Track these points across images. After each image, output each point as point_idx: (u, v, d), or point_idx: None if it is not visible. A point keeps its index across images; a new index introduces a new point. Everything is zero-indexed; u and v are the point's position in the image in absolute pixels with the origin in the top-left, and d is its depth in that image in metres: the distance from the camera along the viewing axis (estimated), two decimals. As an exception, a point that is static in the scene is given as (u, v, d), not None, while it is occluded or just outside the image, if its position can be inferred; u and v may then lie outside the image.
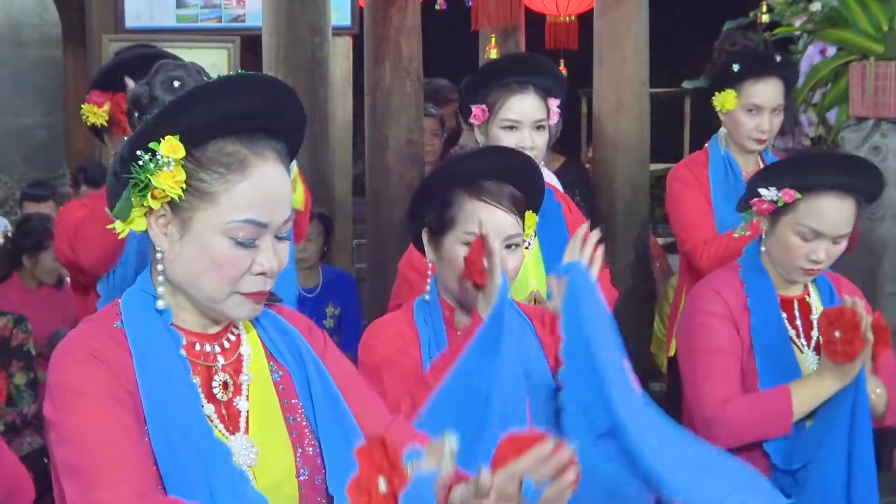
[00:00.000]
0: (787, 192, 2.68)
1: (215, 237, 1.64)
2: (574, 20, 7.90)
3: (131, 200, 1.64)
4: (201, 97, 1.62)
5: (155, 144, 1.60)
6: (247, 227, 1.64)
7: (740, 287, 2.78)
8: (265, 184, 1.65)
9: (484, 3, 6.31)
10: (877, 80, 4.04)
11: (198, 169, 1.63)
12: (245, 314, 1.70)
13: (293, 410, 1.76)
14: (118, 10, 6.85)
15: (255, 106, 1.64)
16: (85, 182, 5.76)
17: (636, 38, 5.33)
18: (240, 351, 1.76)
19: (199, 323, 1.73)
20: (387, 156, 6.06)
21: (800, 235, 2.69)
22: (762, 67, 3.70)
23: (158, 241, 1.67)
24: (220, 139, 1.64)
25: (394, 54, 6.05)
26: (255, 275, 1.66)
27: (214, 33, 6.88)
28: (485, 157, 2.41)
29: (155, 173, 1.61)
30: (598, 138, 5.49)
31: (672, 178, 3.86)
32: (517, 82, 3.17)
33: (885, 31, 4.10)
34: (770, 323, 2.74)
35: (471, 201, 2.33)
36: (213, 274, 1.65)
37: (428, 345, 2.38)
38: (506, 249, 2.33)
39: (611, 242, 5.33)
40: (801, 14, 4.39)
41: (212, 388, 1.71)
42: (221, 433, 1.69)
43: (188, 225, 1.65)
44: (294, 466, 1.73)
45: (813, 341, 2.77)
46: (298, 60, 4.90)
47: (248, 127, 1.65)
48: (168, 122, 1.61)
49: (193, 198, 1.63)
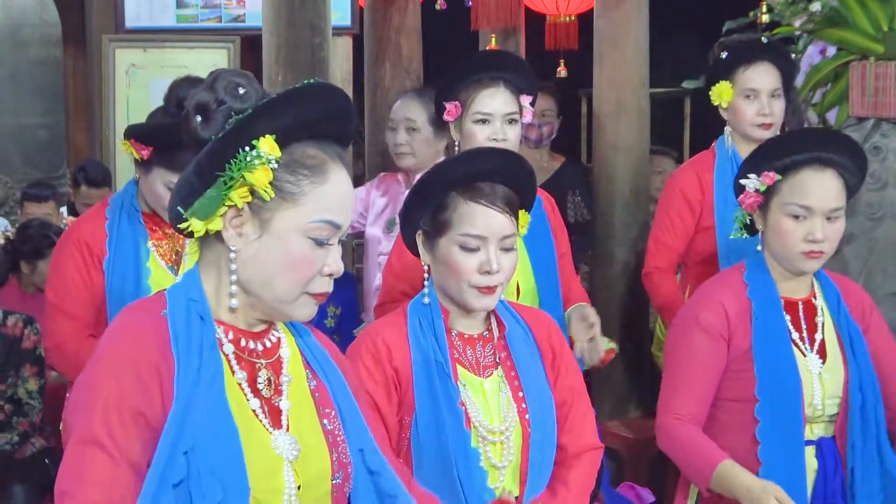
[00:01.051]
0: (767, 174, 2.69)
1: (296, 237, 1.70)
2: (574, 20, 7.89)
3: (221, 198, 1.68)
4: (292, 101, 1.69)
5: (256, 142, 1.66)
6: (326, 228, 1.71)
7: (743, 289, 2.77)
8: (342, 187, 1.74)
9: (484, 3, 6.31)
10: (877, 80, 4.04)
11: (284, 171, 1.69)
12: (308, 314, 1.76)
13: (328, 417, 1.81)
14: (118, 10, 6.84)
15: (332, 112, 1.73)
16: (85, 182, 5.76)
17: (636, 38, 5.32)
18: (279, 353, 1.80)
19: (246, 321, 1.76)
20: (387, 156, 6.06)
21: (791, 216, 2.68)
22: (750, 52, 3.76)
23: (233, 242, 1.71)
24: (302, 143, 1.71)
25: (394, 54, 6.05)
26: (324, 276, 1.73)
27: (214, 33, 6.87)
28: (478, 158, 2.42)
29: (251, 170, 1.66)
30: (598, 138, 5.49)
31: (671, 183, 3.88)
32: (488, 77, 3.23)
33: (885, 31, 4.10)
34: (772, 327, 2.74)
35: (466, 203, 2.34)
36: (289, 274, 1.70)
37: (420, 347, 2.38)
38: (501, 251, 2.34)
39: (610, 243, 5.35)
40: (801, 14, 4.38)
41: (257, 383, 1.74)
42: (265, 428, 1.73)
43: (268, 225, 1.70)
44: (330, 469, 1.77)
45: (817, 344, 2.77)
46: (298, 60, 4.89)
47: (324, 132, 1.73)
48: (262, 122, 1.68)
49: (277, 198, 1.69)
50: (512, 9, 6.31)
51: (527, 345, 2.46)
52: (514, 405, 2.38)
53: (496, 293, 2.36)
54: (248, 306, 1.75)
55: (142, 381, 1.64)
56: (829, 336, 2.80)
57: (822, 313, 2.80)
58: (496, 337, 2.44)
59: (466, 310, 2.39)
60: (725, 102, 3.75)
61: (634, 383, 5.49)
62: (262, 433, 1.72)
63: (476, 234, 2.33)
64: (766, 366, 2.71)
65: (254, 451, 1.68)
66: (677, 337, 2.81)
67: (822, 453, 2.77)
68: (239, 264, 1.72)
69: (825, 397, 2.75)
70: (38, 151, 6.84)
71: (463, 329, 2.43)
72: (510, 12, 6.30)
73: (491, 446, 2.36)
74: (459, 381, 2.38)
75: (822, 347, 2.77)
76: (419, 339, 2.39)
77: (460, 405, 2.36)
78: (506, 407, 2.38)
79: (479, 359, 2.42)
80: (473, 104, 3.23)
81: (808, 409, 2.73)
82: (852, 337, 2.78)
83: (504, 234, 2.35)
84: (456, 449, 2.32)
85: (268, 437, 1.72)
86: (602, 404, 5.16)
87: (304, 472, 1.73)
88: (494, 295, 2.36)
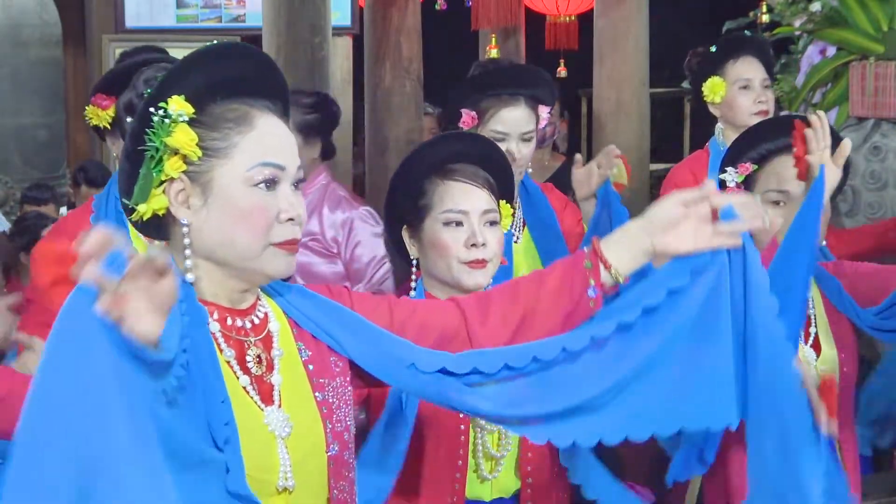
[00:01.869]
0: (742, 166, 2.72)
1: (239, 189, 1.68)
2: (574, 20, 7.89)
3: (151, 175, 1.68)
4: (197, 62, 1.70)
5: (164, 104, 1.66)
6: (266, 170, 1.69)
7: None
8: (273, 130, 1.73)
9: (484, 3, 6.31)
10: (877, 80, 4.05)
11: (208, 130, 1.69)
12: (281, 268, 1.72)
13: (321, 388, 1.78)
14: (118, 10, 6.85)
15: (248, 70, 1.73)
16: (85, 182, 5.77)
17: (636, 38, 5.33)
18: (269, 328, 1.78)
19: (228, 297, 1.75)
20: (387, 156, 6.06)
21: (771, 202, 2.69)
22: (738, 45, 3.80)
23: (181, 214, 1.70)
24: (220, 101, 1.71)
25: (394, 54, 6.05)
26: (284, 222, 1.70)
27: (214, 33, 6.87)
28: (451, 142, 2.44)
29: (170, 133, 1.66)
30: (598, 138, 5.50)
31: (668, 183, 3.88)
32: (508, 93, 3.20)
33: (885, 31, 4.10)
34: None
35: (443, 183, 2.36)
36: (244, 227, 1.68)
37: None
38: (486, 226, 2.35)
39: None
40: (801, 14, 4.39)
41: (246, 360, 1.73)
42: (256, 405, 1.71)
43: (209, 187, 1.69)
44: (325, 442, 1.75)
45: (811, 338, 2.77)
46: (298, 60, 4.90)
47: (243, 90, 1.72)
48: (170, 87, 1.68)
49: (209, 158, 1.69)
50: (512, 9, 6.32)
51: None
52: None
53: (487, 270, 2.36)
54: (224, 277, 1.73)
55: None
56: (821, 328, 2.81)
57: (813, 304, 2.81)
58: None
59: (461, 290, 2.37)
60: (719, 97, 3.76)
61: (634, 383, 5.49)
62: (254, 411, 1.70)
63: (458, 209, 2.34)
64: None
65: (246, 430, 1.67)
66: None
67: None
68: (195, 236, 1.70)
69: (821, 390, 2.76)
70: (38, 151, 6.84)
71: None
72: (510, 12, 6.31)
73: (489, 436, 2.36)
74: None
75: (815, 340, 2.77)
76: None
77: None
78: None
79: None
80: (491, 120, 3.20)
81: (805, 402, 2.74)
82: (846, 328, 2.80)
83: (485, 208, 2.36)
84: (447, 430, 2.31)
85: (260, 414, 1.71)
86: (602, 404, 5.15)
87: (297, 448, 1.72)
88: (486, 271, 2.35)
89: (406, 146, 6.01)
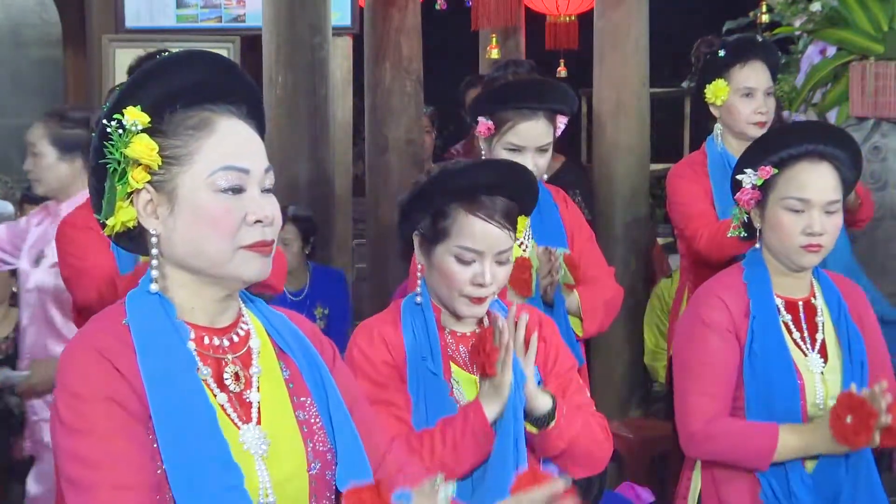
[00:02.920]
0: (763, 168, 2.69)
1: (203, 194, 1.68)
2: (574, 20, 7.89)
3: (115, 189, 1.68)
4: (153, 73, 1.70)
5: (118, 116, 1.66)
6: (229, 174, 1.68)
7: (743, 289, 2.77)
8: (234, 133, 1.71)
9: (484, 3, 6.31)
10: (877, 80, 4.05)
11: (167, 138, 1.69)
12: (255, 272, 1.71)
13: (302, 407, 1.77)
14: (118, 10, 6.85)
15: (205, 77, 1.72)
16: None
17: (636, 38, 5.32)
18: (249, 344, 1.77)
19: (207, 317, 1.74)
20: (387, 156, 6.06)
21: (789, 209, 2.67)
22: (747, 51, 3.74)
23: (150, 225, 1.70)
24: (180, 109, 1.70)
25: (394, 54, 6.05)
26: (252, 224, 1.69)
27: (214, 33, 6.87)
28: (484, 170, 2.43)
29: (127, 144, 1.66)
30: (598, 138, 5.49)
31: (672, 175, 3.86)
32: (529, 108, 3.19)
33: (885, 31, 4.10)
34: (768, 332, 2.73)
35: (466, 216, 2.35)
36: (212, 232, 1.67)
37: (413, 347, 2.40)
38: (496, 264, 2.36)
39: (611, 242, 5.35)
40: (801, 14, 4.39)
41: (223, 378, 1.72)
42: (233, 422, 1.70)
43: (174, 195, 1.68)
44: (305, 460, 1.74)
45: (818, 344, 2.76)
46: (298, 60, 4.90)
47: (203, 97, 1.72)
48: (127, 99, 1.69)
49: (171, 166, 1.68)
50: (512, 9, 6.31)
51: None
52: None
53: (486, 303, 2.38)
54: (199, 287, 1.72)
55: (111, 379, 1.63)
56: (829, 336, 2.80)
57: (822, 313, 2.80)
58: None
59: (456, 316, 2.42)
60: (720, 101, 3.75)
61: (634, 383, 5.49)
62: (230, 429, 1.69)
63: (473, 248, 2.35)
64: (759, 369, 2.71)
65: None
66: (685, 341, 2.80)
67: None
68: (163, 245, 1.70)
69: (827, 397, 2.75)
70: (38, 151, 6.85)
71: (456, 328, 2.45)
72: (510, 12, 6.30)
73: None
74: (453, 378, 2.40)
75: (822, 347, 2.76)
76: (412, 338, 2.41)
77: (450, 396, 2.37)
78: None
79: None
80: (509, 133, 3.19)
81: (811, 408, 2.73)
82: (850, 338, 2.78)
83: (500, 248, 2.37)
84: None
85: (235, 432, 1.69)
86: (602, 404, 5.15)
87: (277, 467, 1.71)
88: (484, 304, 2.39)
89: (406, 146, 6.02)
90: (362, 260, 6.86)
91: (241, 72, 1.78)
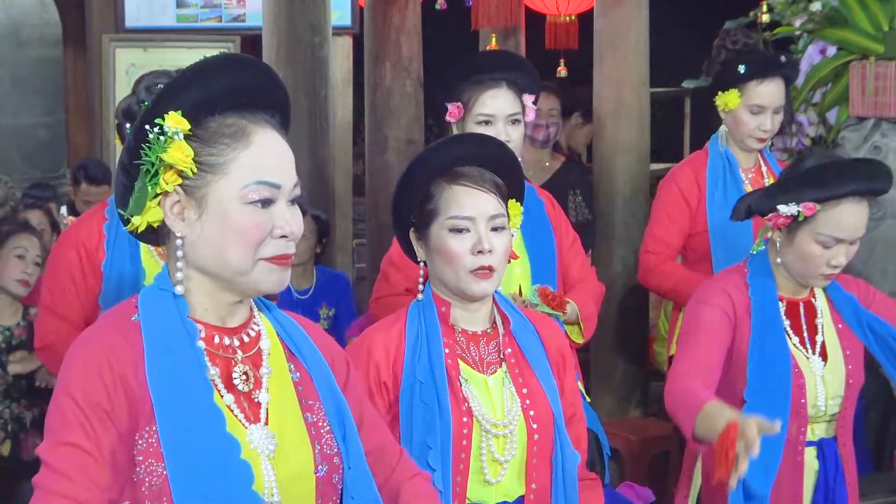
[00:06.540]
0: (808, 206, 2.68)
1: (233, 206, 1.68)
2: (574, 20, 7.89)
3: (146, 189, 1.68)
4: (195, 76, 1.69)
5: (160, 121, 1.66)
6: (261, 189, 1.69)
7: (746, 289, 2.78)
8: (270, 147, 1.72)
9: (484, 3, 6.31)
10: (877, 80, 4.04)
11: (204, 145, 1.69)
12: (273, 283, 1.72)
13: (311, 409, 1.78)
14: (118, 9, 6.85)
15: (246, 82, 1.72)
16: (85, 180, 5.75)
17: (636, 38, 5.32)
18: (259, 345, 1.78)
19: (218, 316, 1.75)
20: (387, 156, 6.07)
21: (821, 244, 2.70)
22: (768, 69, 3.72)
23: (177, 227, 1.71)
24: (218, 115, 1.70)
25: (394, 54, 6.05)
26: (277, 238, 1.70)
27: (214, 33, 6.87)
28: (459, 144, 2.42)
29: (165, 149, 1.66)
30: (599, 138, 5.49)
31: (668, 180, 3.88)
32: (490, 78, 3.22)
33: (885, 31, 4.10)
34: (770, 331, 2.74)
35: (450, 187, 2.34)
36: (237, 243, 1.68)
37: (415, 349, 2.38)
38: (492, 231, 2.34)
39: (611, 242, 5.35)
40: (801, 14, 4.39)
41: (232, 378, 1.73)
42: (240, 422, 1.70)
43: (204, 202, 1.69)
44: (313, 462, 1.75)
45: (818, 346, 2.77)
46: (298, 60, 4.90)
47: (241, 103, 1.72)
48: (167, 102, 1.68)
49: (205, 173, 1.69)
50: (512, 8, 6.31)
51: (534, 341, 2.45)
52: (517, 400, 2.37)
53: (493, 277, 2.34)
54: (215, 290, 1.73)
55: (107, 389, 1.64)
56: (829, 337, 2.81)
57: (821, 314, 2.81)
58: (501, 333, 2.43)
59: (466, 297, 2.37)
60: (729, 109, 3.76)
61: (634, 383, 5.49)
62: (237, 428, 1.70)
63: (464, 215, 2.33)
64: (760, 367, 2.71)
65: None
66: (687, 319, 2.83)
67: (822, 454, 2.78)
68: (188, 249, 1.71)
69: (828, 398, 2.76)
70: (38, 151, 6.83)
71: (466, 326, 2.42)
72: (510, 12, 6.30)
73: (494, 440, 2.35)
74: (462, 376, 2.37)
75: (822, 349, 2.77)
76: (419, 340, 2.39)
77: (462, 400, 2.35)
78: (509, 402, 2.37)
79: (483, 356, 2.41)
80: (476, 105, 3.22)
81: (812, 409, 2.74)
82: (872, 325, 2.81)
83: (492, 213, 2.34)
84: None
85: (243, 431, 1.70)
86: (602, 404, 5.15)
87: (283, 467, 1.72)
88: (492, 279, 2.34)
89: (406, 146, 6.02)
90: (362, 260, 6.86)
91: (277, 76, 1.78)
